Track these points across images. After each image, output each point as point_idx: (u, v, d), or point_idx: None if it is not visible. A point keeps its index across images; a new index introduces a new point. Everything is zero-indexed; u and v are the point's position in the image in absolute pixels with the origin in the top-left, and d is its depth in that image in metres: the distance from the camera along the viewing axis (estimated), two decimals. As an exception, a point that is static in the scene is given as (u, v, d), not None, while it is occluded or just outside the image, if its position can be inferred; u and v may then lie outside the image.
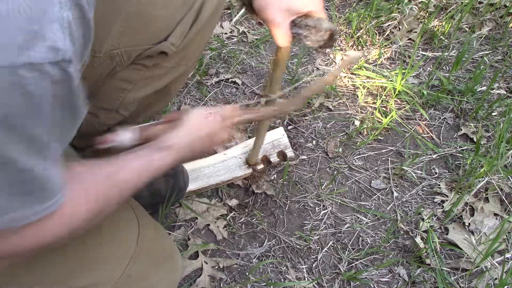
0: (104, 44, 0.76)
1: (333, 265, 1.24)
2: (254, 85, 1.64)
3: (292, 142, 1.48)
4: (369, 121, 1.56)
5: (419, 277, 1.23)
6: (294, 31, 0.84)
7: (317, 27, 0.82)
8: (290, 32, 0.83)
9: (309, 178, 1.41)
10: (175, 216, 1.27)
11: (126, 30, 0.76)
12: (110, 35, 0.76)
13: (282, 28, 0.82)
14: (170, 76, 0.89)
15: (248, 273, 1.20)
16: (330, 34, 0.83)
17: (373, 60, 1.77)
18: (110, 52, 0.78)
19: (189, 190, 1.27)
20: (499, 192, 1.38)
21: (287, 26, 0.82)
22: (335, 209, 1.35)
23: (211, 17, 0.84)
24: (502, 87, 1.74)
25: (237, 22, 1.85)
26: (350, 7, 1.99)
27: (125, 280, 0.74)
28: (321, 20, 0.82)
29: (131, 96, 0.88)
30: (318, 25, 0.82)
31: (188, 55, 0.87)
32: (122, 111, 0.90)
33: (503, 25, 1.97)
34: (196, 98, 1.57)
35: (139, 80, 0.86)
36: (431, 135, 1.57)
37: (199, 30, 0.84)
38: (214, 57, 1.70)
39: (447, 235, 1.31)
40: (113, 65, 0.81)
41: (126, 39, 0.77)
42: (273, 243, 1.26)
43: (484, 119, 1.61)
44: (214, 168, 1.33)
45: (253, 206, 1.32)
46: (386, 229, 1.32)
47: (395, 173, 1.45)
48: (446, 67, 1.80)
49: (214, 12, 0.84)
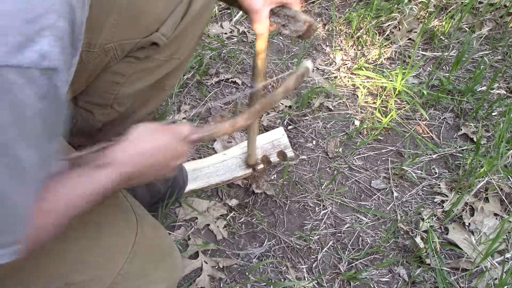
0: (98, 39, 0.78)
1: (333, 265, 1.24)
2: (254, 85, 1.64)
3: (292, 142, 1.48)
4: (369, 121, 1.56)
5: (419, 277, 1.23)
6: (272, 20, 0.90)
7: (296, 17, 0.88)
8: (268, 20, 0.89)
9: (309, 178, 1.41)
10: (175, 216, 1.27)
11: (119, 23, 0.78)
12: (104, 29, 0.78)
13: (261, 15, 0.87)
14: (163, 70, 0.90)
15: (248, 273, 1.20)
16: (309, 25, 0.88)
17: (373, 60, 1.77)
18: (104, 46, 0.80)
19: (189, 189, 1.27)
20: (499, 192, 1.38)
21: (266, 14, 0.88)
22: (335, 209, 1.35)
23: (203, 10, 0.86)
24: (502, 87, 1.74)
25: (237, 22, 1.85)
26: (350, 7, 1.99)
27: (123, 277, 0.74)
28: (299, 12, 0.89)
29: (125, 90, 0.89)
30: (297, 16, 0.88)
31: (181, 49, 0.89)
32: (116, 107, 0.91)
33: (503, 25, 1.97)
34: (196, 98, 1.57)
35: (132, 73, 0.87)
36: (431, 135, 1.57)
37: (190, 22, 0.85)
38: (214, 57, 1.70)
39: (447, 235, 1.31)
40: (108, 60, 0.82)
41: (119, 32, 0.79)
42: (273, 243, 1.26)
43: (484, 119, 1.61)
44: (214, 168, 1.33)
45: (253, 206, 1.32)
46: (386, 229, 1.32)
47: (395, 173, 1.45)
48: (446, 67, 1.80)
49: (205, 4, 0.86)
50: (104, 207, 0.70)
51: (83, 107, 0.91)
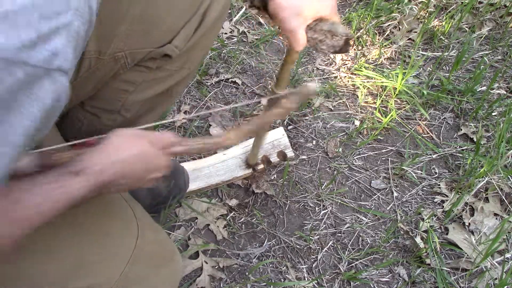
0: (109, 47, 0.76)
1: (333, 265, 1.24)
2: (254, 85, 1.64)
3: (292, 142, 1.47)
4: (369, 121, 1.56)
5: (419, 277, 1.23)
6: (309, 35, 0.83)
7: (333, 31, 0.81)
8: (305, 37, 0.82)
9: (309, 178, 1.41)
10: (175, 216, 1.27)
11: (131, 32, 0.76)
12: (115, 37, 0.76)
13: (298, 33, 0.81)
14: (173, 79, 0.88)
15: (248, 273, 1.20)
16: (346, 39, 0.82)
17: (373, 60, 1.77)
18: (114, 55, 0.78)
19: (189, 190, 1.27)
20: (499, 192, 1.38)
21: (303, 31, 0.81)
22: (335, 209, 1.35)
23: (216, 22, 0.84)
24: (502, 87, 1.74)
25: (237, 22, 1.85)
26: (350, 7, 1.99)
27: (123, 281, 0.74)
28: (336, 25, 0.81)
29: (133, 98, 0.88)
30: (334, 30, 0.81)
31: (192, 59, 0.87)
32: (123, 113, 0.90)
33: (503, 25, 1.97)
34: (196, 98, 1.57)
35: (142, 82, 0.86)
36: (431, 135, 1.57)
37: (203, 34, 0.83)
38: (214, 57, 1.70)
39: (447, 235, 1.31)
40: (117, 68, 0.81)
41: (131, 41, 0.77)
42: (273, 243, 1.26)
43: (484, 119, 1.61)
44: (214, 168, 1.33)
45: (253, 206, 1.32)
46: (386, 229, 1.32)
47: (395, 173, 1.45)
48: (446, 67, 1.80)
49: (218, 17, 0.84)
50: (105, 211, 0.70)
51: (90, 112, 0.90)
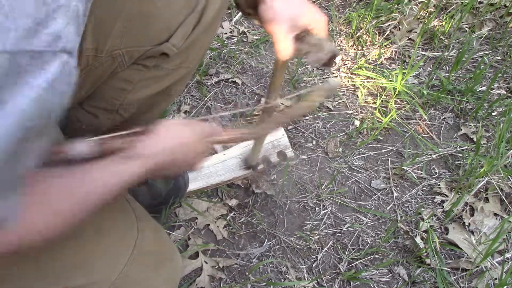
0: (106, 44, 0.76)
1: (333, 265, 1.24)
2: (254, 85, 1.64)
3: (292, 142, 1.47)
4: (369, 121, 1.56)
5: (419, 277, 1.23)
6: (296, 45, 0.84)
7: (319, 46, 0.82)
8: (292, 47, 0.83)
9: (309, 178, 1.41)
10: (175, 216, 1.27)
11: (127, 30, 0.76)
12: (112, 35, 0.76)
13: (285, 41, 0.82)
14: (171, 78, 0.88)
15: (248, 273, 1.20)
16: (331, 56, 0.82)
17: (373, 60, 1.77)
18: (112, 53, 0.78)
19: (189, 190, 1.27)
20: (499, 192, 1.38)
21: (291, 40, 0.82)
22: (335, 209, 1.35)
23: (214, 20, 0.84)
24: (502, 87, 1.74)
25: (237, 22, 1.85)
26: (350, 7, 1.99)
27: (122, 281, 0.74)
28: (324, 40, 0.82)
29: (131, 97, 0.87)
30: (320, 45, 0.82)
31: (190, 58, 0.87)
32: (122, 112, 0.90)
33: (503, 25, 1.97)
34: (196, 98, 1.57)
35: (140, 81, 0.85)
36: (431, 135, 1.57)
37: (202, 33, 0.83)
38: (214, 57, 1.70)
39: (447, 235, 1.31)
40: (115, 66, 0.81)
41: (128, 39, 0.77)
42: (273, 243, 1.26)
43: (484, 119, 1.61)
44: (214, 168, 1.33)
45: (253, 206, 1.32)
46: (386, 229, 1.32)
47: (395, 173, 1.45)
48: (446, 67, 1.80)
49: (216, 15, 0.84)
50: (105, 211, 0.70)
51: (88, 111, 0.90)
